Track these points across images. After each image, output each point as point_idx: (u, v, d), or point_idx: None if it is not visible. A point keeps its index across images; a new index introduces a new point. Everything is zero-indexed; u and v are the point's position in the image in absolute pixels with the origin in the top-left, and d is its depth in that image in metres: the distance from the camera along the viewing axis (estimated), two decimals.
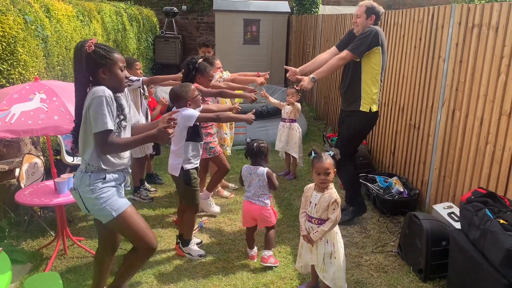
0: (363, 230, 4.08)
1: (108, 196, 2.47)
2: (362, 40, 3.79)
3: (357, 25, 3.94)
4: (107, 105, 2.32)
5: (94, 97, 2.31)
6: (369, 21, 3.88)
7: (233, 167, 5.67)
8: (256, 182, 3.42)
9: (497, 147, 3.26)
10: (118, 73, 2.44)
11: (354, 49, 3.81)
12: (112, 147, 2.38)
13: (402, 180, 4.59)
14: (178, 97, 3.32)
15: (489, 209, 2.69)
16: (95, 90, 2.34)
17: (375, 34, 3.77)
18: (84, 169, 2.48)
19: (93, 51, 2.36)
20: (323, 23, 8.31)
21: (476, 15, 3.52)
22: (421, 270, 3.28)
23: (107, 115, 2.31)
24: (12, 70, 3.94)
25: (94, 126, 2.33)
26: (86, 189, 2.45)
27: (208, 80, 4.04)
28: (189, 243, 3.56)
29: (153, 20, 11.37)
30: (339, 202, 2.89)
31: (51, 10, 4.97)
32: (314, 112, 8.68)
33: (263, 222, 3.48)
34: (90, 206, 2.50)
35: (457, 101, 3.81)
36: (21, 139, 4.00)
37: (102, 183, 2.47)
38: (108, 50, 2.42)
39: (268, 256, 3.48)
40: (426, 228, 3.22)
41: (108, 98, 2.33)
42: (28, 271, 3.33)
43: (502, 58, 3.19)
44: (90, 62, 2.38)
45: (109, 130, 2.33)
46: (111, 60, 2.40)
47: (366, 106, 3.91)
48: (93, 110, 2.31)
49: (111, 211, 2.47)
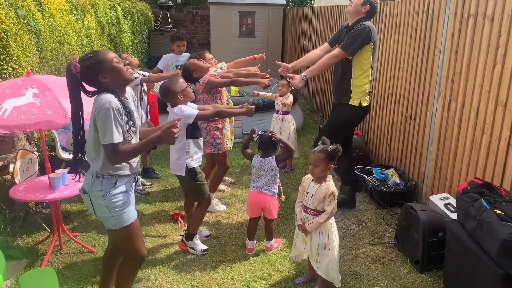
0: (360, 222, 4.08)
1: (118, 206, 2.45)
2: (354, 37, 3.77)
3: (351, 5, 3.90)
4: (114, 117, 2.28)
5: (101, 109, 2.27)
6: (363, 8, 3.84)
7: (230, 160, 5.65)
8: (268, 173, 3.44)
9: (493, 137, 3.25)
10: (116, 67, 2.37)
11: (346, 47, 3.80)
12: (121, 156, 2.36)
13: (399, 172, 4.59)
14: (168, 92, 3.27)
15: (485, 199, 2.69)
16: (101, 100, 2.29)
17: (368, 32, 3.76)
18: (95, 174, 2.45)
19: (81, 67, 2.31)
20: (319, 14, 8.27)
21: (472, 4, 3.49)
22: (417, 261, 3.28)
23: (114, 128, 2.28)
24: (5, 65, 3.89)
25: (102, 138, 2.31)
26: (98, 194, 2.42)
27: (199, 64, 3.99)
28: (193, 238, 3.53)
29: (147, 13, 11.29)
30: (336, 195, 2.88)
31: (44, 4, 4.91)
32: (311, 105, 8.66)
33: (269, 213, 3.49)
34: (98, 212, 2.48)
35: (453, 92, 3.80)
36: (15, 134, 3.97)
37: (113, 188, 2.44)
38: (92, 55, 2.35)
39: (271, 245, 3.56)
40: (423, 219, 3.21)
41: (115, 110, 2.29)
42: (23, 267, 3.31)
43: (498, 48, 3.17)
44: (86, 77, 2.34)
45: (117, 143, 2.31)
46: (101, 62, 2.33)
47: (356, 100, 3.93)
48: (101, 122, 2.28)
49: (116, 222, 2.47)
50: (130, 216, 2.52)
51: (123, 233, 2.52)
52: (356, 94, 3.92)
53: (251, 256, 3.52)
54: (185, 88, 3.29)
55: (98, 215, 2.51)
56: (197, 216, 3.52)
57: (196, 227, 3.53)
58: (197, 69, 3.99)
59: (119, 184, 2.47)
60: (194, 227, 3.52)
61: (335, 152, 2.89)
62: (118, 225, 2.47)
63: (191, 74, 3.96)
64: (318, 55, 4.14)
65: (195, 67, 3.99)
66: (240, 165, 5.60)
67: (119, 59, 2.42)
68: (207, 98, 4.05)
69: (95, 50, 2.42)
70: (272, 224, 3.56)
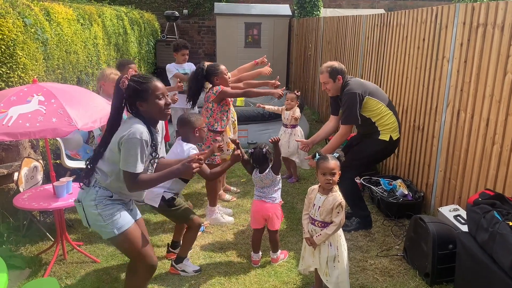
0: (368, 233, 4.00)
1: (112, 213, 2.43)
2: (348, 107, 3.80)
3: (329, 90, 3.97)
4: (141, 149, 2.32)
5: (131, 137, 2.29)
6: (338, 82, 3.90)
7: (234, 170, 5.63)
8: (270, 185, 3.40)
9: (504, 147, 3.19)
10: (155, 103, 2.41)
11: (348, 121, 3.85)
12: (139, 185, 2.40)
13: (407, 183, 4.52)
14: (186, 123, 3.35)
15: (497, 211, 2.62)
16: (133, 129, 2.31)
17: (354, 96, 3.77)
18: (92, 183, 2.45)
19: (128, 86, 2.37)
20: (325, 25, 8.27)
21: (481, 14, 3.46)
22: (427, 274, 3.21)
23: (138, 159, 2.32)
24: (12, 73, 3.89)
25: (123, 164, 2.32)
26: (91, 204, 2.42)
27: (225, 77, 4.05)
28: (183, 260, 3.37)
29: (154, 24, 11.35)
30: (344, 205, 2.83)
31: (51, 13, 4.93)
32: (317, 115, 8.62)
33: (271, 224, 3.43)
34: (92, 221, 2.45)
35: (462, 102, 3.75)
36: (20, 142, 3.95)
37: (108, 199, 2.43)
38: (142, 81, 2.39)
39: (277, 257, 3.50)
40: (432, 231, 3.15)
41: (144, 142, 2.33)
42: (26, 277, 3.27)
43: (509, 57, 3.13)
44: (127, 96, 2.40)
45: (138, 173, 2.34)
46: (145, 92, 2.38)
47: (386, 135, 3.88)
48: (126, 149, 2.30)
49: (113, 228, 2.43)
50: (127, 220, 2.48)
51: (124, 239, 2.47)
52: (385, 131, 3.88)
53: (257, 267, 3.46)
54: (203, 127, 3.38)
55: (92, 225, 2.47)
56: (187, 240, 3.37)
57: (187, 251, 3.39)
58: (222, 78, 4.03)
59: (115, 198, 2.46)
60: (184, 251, 3.38)
61: (341, 157, 2.91)
62: (116, 231, 2.43)
63: (212, 76, 3.97)
64: (332, 126, 4.18)
65: (221, 75, 4.01)
66: (246, 175, 5.55)
67: (165, 96, 2.44)
68: (216, 107, 4.05)
69: (149, 76, 2.45)
70: (276, 235, 3.49)
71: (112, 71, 4.02)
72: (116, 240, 2.48)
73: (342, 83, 3.91)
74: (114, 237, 2.45)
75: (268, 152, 3.40)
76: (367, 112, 3.85)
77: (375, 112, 3.84)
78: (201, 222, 3.38)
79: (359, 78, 4.11)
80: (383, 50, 5.36)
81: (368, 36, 5.90)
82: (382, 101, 3.87)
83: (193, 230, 3.33)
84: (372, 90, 3.88)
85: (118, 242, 2.51)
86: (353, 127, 4.10)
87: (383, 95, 3.95)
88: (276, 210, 3.43)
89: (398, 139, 3.95)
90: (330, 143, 3.96)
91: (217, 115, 4.09)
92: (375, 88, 3.94)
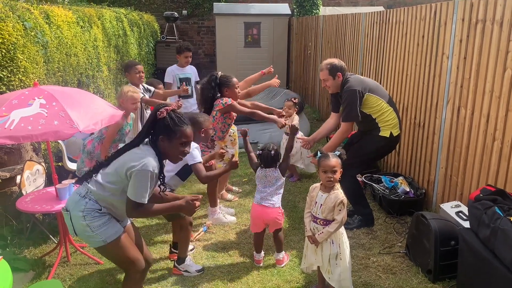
0: (370, 231, 4.01)
1: (100, 224, 2.44)
2: (348, 104, 3.80)
3: (329, 87, 3.98)
4: (151, 181, 2.38)
5: (144, 169, 2.33)
6: (338, 79, 3.89)
7: (236, 170, 5.62)
8: (274, 183, 3.40)
9: (505, 143, 3.19)
10: (177, 147, 2.46)
11: (348, 118, 3.84)
12: (140, 214, 2.46)
13: (408, 180, 4.53)
14: (195, 123, 3.36)
15: (498, 207, 2.63)
16: (147, 161, 2.35)
17: (354, 93, 3.76)
18: (83, 194, 2.46)
19: (163, 119, 2.43)
20: (324, 24, 8.27)
21: (480, 10, 3.46)
22: (430, 271, 3.22)
23: (147, 190, 2.37)
24: (12, 76, 3.90)
25: (132, 193, 2.36)
26: (79, 214, 2.42)
27: (235, 90, 4.09)
28: (185, 260, 3.38)
29: (154, 25, 11.36)
30: (345, 203, 2.84)
31: (51, 16, 4.95)
32: (317, 114, 8.63)
33: (274, 226, 3.43)
34: (79, 231, 2.46)
35: (462, 98, 3.75)
36: (22, 146, 3.97)
37: (96, 212, 2.44)
38: (176, 123, 2.44)
39: (282, 257, 3.49)
40: (434, 227, 3.15)
41: (154, 174, 2.38)
42: (30, 279, 3.29)
43: (508, 53, 3.13)
44: (157, 126, 2.45)
45: (142, 203, 2.38)
46: (173, 133, 2.43)
47: (386, 131, 3.87)
48: (136, 179, 2.34)
49: (102, 238, 2.44)
50: (115, 230, 2.49)
51: (113, 247, 2.47)
52: (385, 127, 3.87)
53: (259, 267, 3.46)
54: (210, 128, 3.45)
55: (79, 235, 2.48)
56: (182, 239, 3.38)
57: (185, 250, 3.39)
58: (232, 91, 4.08)
59: (104, 212, 2.47)
60: (183, 251, 3.38)
61: (342, 155, 2.92)
62: (107, 240, 2.44)
63: (224, 87, 4.05)
64: (333, 123, 4.17)
65: (232, 88, 4.08)
66: (247, 175, 5.56)
67: (188, 144, 2.50)
68: (219, 117, 4.10)
69: (185, 121, 2.49)
70: (280, 234, 3.48)
71: (129, 89, 4.09)
72: (104, 249, 2.49)
73: (342, 80, 3.90)
74: (102, 246, 2.46)
75: (276, 154, 3.41)
76: (368, 109, 3.85)
77: (375, 109, 3.84)
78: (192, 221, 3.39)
79: (359, 75, 4.11)
80: (383, 47, 5.36)
81: (368, 34, 5.90)
82: (382, 97, 3.87)
83: (185, 228, 3.33)
84: (372, 86, 3.88)
85: (106, 251, 2.52)
86: (354, 124, 4.10)
87: (383, 92, 3.95)
88: (277, 214, 3.41)
89: (398, 135, 3.95)
90: (331, 140, 3.96)
91: (218, 125, 4.12)
92: (375, 85, 3.95)
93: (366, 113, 3.86)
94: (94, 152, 4.00)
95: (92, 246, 2.52)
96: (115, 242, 2.46)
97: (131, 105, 4.04)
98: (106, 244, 2.44)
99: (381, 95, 3.87)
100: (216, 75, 4.13)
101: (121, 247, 2.48)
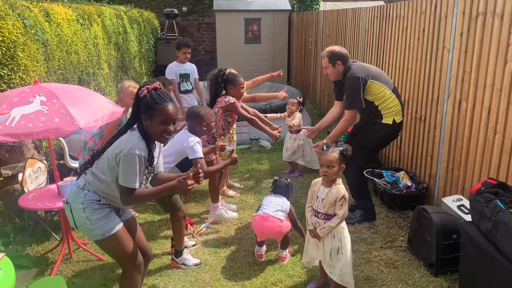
0: (372, 225, 4.01)
1: (100, 217, 2.43)
2: (352, 92, 3.77)
3: (330, 75, 3.96)
4: (139, 164, 2.33)
5: (129, 152, 2.30)
6: (338, 67, 3.87)
7: (237, 166, 5.64)
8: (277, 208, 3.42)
9: (506, 136, 3.19)
10: (157, 125, 2.38)
11: (352, 105, 3.82)
12: (134, 200, 2.41)
13: (410, 174, 4.53)
14: (195, 116, 3.39)
15: (500, 199, 2.62)
16: (132, 144, 2.31)
17: (357, 80, 3.74)
18: (82, 186, 2.46)
19: (143, 97, 2.38)
20: (325, 19, 8.25)
21: (481, 3, 3.45)
22: (432, 265, 3.22)
23: (136, 174, 2.33)
24: (13, 75, 3.91)
25: (122, 179, 2.33)
26: (79, 207, 2.42)
27: (240, 89, 4.10)
28: (182, 253, 3.40)
29: (154, 22, 11.35)
30: (347, 198, 2.83)
31: (51, 14, 4.94)
32: (318, 109, 8.62)
33: (280, 236, 3.41)
34: (79, 223, 2.46)
35: (463, 92, 3.74)
36: (24, 143, 3.97)
37: (96, 203, 2.44)
38: (156, 100, 2.37)
39: (285, 255, 3.49)
40: (436, 221, 3.15)
41: (142, 158, 2.34)
42: (33, 276, 3.30)
43: (509, 46, 3.12)
44: (140, 105, 2.41)
45: (134, 188, 2.36)
46: (153, 111, 2.37)
47: (389, 118, 3.86)
48: (124, 164, 2.31)
49: (102, 231, 2.43)
50: (115, 224, 2.48)
51: (112, 241, 2.47)
52: (388, 114, 3.85)
53: (261, 262, 3.47)
54: (212, 121, 3.45)
55: (79, 227, 2.48)
56: (176, 232, 3.38)
57: (181, 243, 3.39)
58: (237, 90, 4.09)
59: (103, 202, 2.46)
60: (179, 244, 3.39)
61: (347, 152, 2.87)
62: (105, 233, 2.43)
63: (229, 84, 4.06)
64: (337, 112, 4.13)
65: (238, 87, 4.09)
66: (248, 171, 5.56)
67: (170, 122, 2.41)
68: (220, 114, 4.11)
69: (166, 98, 2.41)
70: (289, 234, 3.45)
71: (130, 83, 4.06)
72: (103, 243, 2.48)
73: (345, 68, 3.87)
74: (101, 239, 2.46)
75: (291, 185, 3.55)
76: (371, 96, 3.82)
77: (378, 96, 3.81)
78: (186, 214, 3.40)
79: (362, 62, 4.08)
80: (383, 42, 5.35)
81: (368, 29, 5.89)
82: (386, 84, 3.84)
83: (179, 220, 3.34)
84: (375, 73, 3.85)
85: (104, 245, 2.51)
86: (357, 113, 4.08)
87: (386, 78, 3.92)
88: (280, 228, 3.35)
89: (401, 122, 3.93)
90: (335, 129, 3.94)
91: (219, 122, 4.12)
92: (378, 72, 3.92)
93: (369, 100, 3.83)
94: (96, 148, 4.01)
95: (91, 240, 2.53)
96: (113, 236, 2.45)
97: (131, 100, 4.02)
98: (104, 238, 2.44)
99: (384, 82, 3.85)
100: (225, 71, 4.12)
101: (119, 242, 2.48)
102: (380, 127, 3.87)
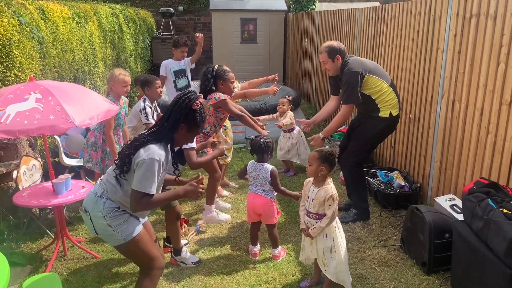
0: (365, 224, 4.04)
1: (120, 223, 2.42)
2: (349, 87, 3.79)
3: (328, 70, 3.97)
4: (158, 171, 2.32)
5: (149, 158, 2.28)
6: (337, 62, 3.88)
7: (233, 165, 5.65)
8: (262, 179, 3.41)
9: (498, 137, 3.22)
10: (190, 138, 2.59)
11: (349, 100, 3.84)
12: (145, 206, 2.39)
13: (403, 174, 4.56)
14: None
15: (491, 199, 2.66)
16: (152, 150, 2.31)
17: (356, 73, 3.76)
18: (100, 194, 2.44)
19: (195, 111, 2.45)
20: (320, 20, 8.28)
21: (474, 4, 3.48)
22: (424, 263, 3.25)
23: (154, 181, 2.31)
24: (8, 72, 3.90)
25: (138, 184, 2.29)
26: (99, 215, 2.40)
27: (230, 85, 4.07)
28: (181, 252, 3.41)
29: (149, 21, 11.34)
30: (335, 198, 2.84)
31: (46, 12, 4.94)
32: (313, 109, 8.64)
33: (266, 218, 3.45)
34: (100, 230, 2.44)
35: (456, 93, 3.78)
36: (19, 141, 3.97)
37: (116, 211, 2.42)
38: (202, 118, 2.50)
39: (278, 253, 3.50)
40: (429, 220, 3.18)
41: (161, 164, 2.33)
42: (27, 274, 3.30)
43: (501, 47, 3.16)
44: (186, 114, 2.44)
45: (151, 194, 2.33)
46: (197, 127, 2.50)
47: (386, 112, 3.88)
48: (143, 169, 2.28)
49: (122, 236, 2.42)
50: (135, 227, 2.47)
51: (134, 245, 2.45)
52: (384, 107, 3.88)
53: (256, 260, 3.49)
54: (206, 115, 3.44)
55: (100, 234, 2.46)
56: (171, 231, 3.40)
57: (179, 241, 3.40)
58: (226, 85, 4.05)
59: (123, 209, 2.45)
60: (176, 242, 3.40)
61: (328, 155, 2.89)
62: (127, 237, 2.42)
63: (219, 79, 4.00)
64: (334, 106, 4.17)
65: (228, 81, 4.04)
66: None
67: None
68: (212, 112, 4.07)
69: None
70: (274, 230, 3.49)
71: (121, 72, 4.05)
72: (125, 247, 2.46)
73: (342, 63, 3.89)
74: (123, 244, 2.44)
75: (265, 145, 3.42)
76: (368, 90, 3.84)
77: (375, 89, 3.83)
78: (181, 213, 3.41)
79: (358, 57, 4.10)
80: (378, 42, 5.38)
81: (363, 29, 5.92)
82: (382, 78, 3.87)
83: (174, 219, 3.34)
84: (372, 68, 3.88)
85: (127, 249, 2.48)
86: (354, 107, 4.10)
87: (383, 72, 3.95)
88: (269, 206, 3.42)
89: (398, 115, 3.96)
90: (331, 123, 3.95)
91: (210, 119, 4.09)
92: (374, 66, 3.94)
93: (366, 94, 3.85)
94: (98, 143, 4.04)
95: (112, 245, 2.49)
96: (135, 239, 2.44)
97: (122, 88, 4.01)
98: (127, 242, 2.42)
99: (381, 76, 3.88)
100: (213, 67, 4.09)
101: (141, 244, 2.46)
102: (377, 121, 3.90)
